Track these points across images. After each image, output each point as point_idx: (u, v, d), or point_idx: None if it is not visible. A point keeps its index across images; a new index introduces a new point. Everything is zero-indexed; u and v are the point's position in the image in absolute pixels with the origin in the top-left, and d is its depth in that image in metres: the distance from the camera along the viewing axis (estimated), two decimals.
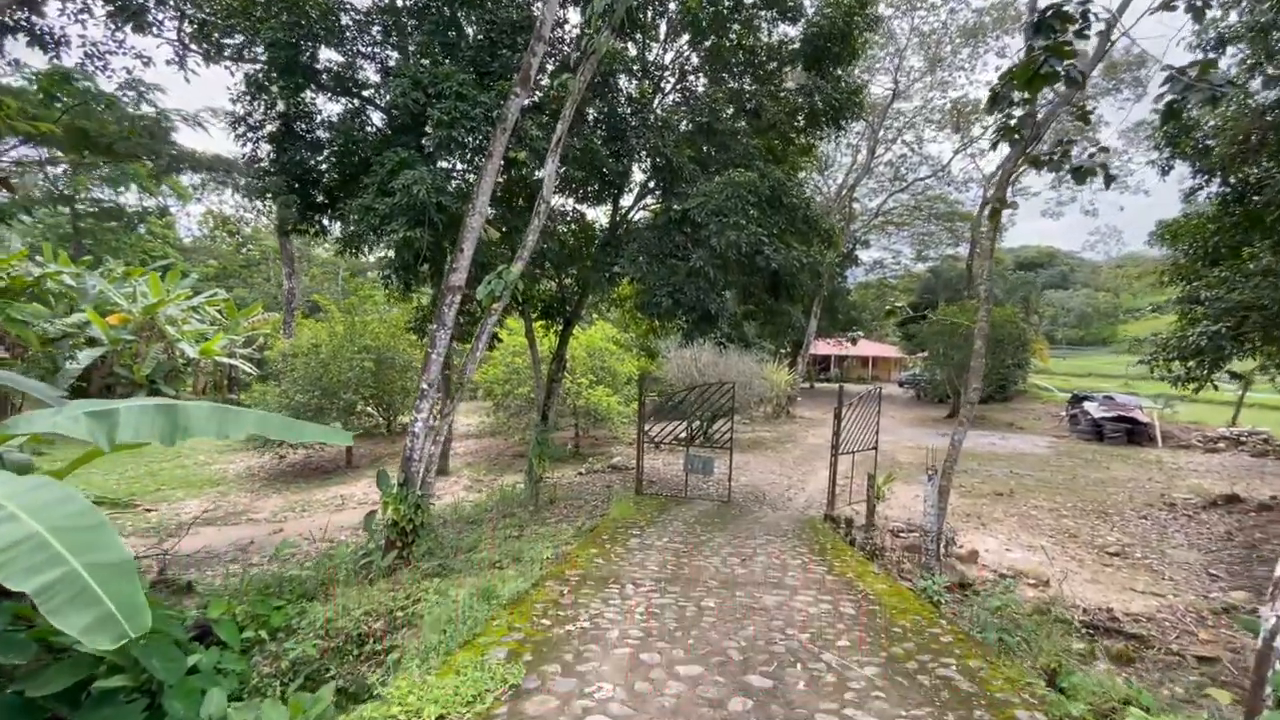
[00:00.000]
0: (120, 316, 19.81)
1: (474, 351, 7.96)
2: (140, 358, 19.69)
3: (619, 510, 8.93)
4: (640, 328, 16.11)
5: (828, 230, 11.93)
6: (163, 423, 3.59)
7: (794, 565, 6.28)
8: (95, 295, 20.95)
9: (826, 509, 10.16)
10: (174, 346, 20.69)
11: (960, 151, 27.73)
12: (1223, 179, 9.95)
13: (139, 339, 20.07)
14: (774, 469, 15.16)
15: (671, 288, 9.47)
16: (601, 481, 12.97)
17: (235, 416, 4.01)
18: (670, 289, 9.46)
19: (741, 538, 7.70)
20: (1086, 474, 15.28)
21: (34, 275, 20.57)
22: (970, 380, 7.82)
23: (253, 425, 4.05)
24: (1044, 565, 8.57)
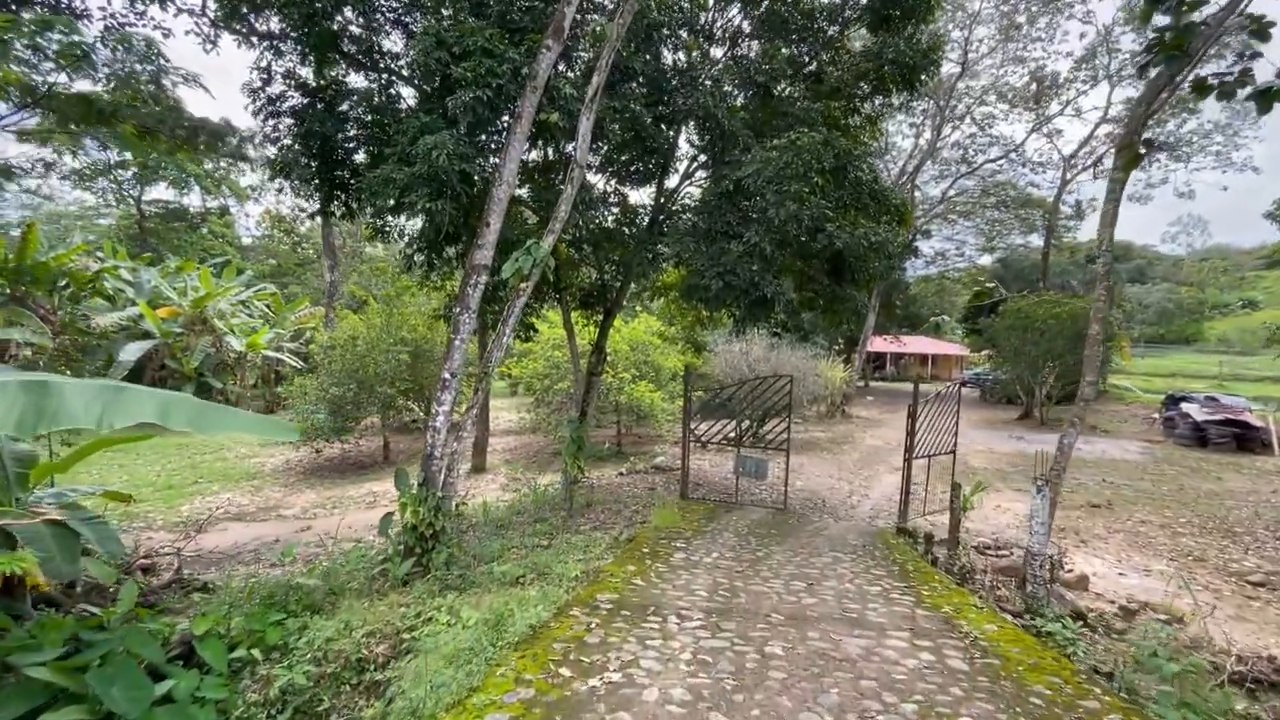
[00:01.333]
0: (170, 310, 20.05)
1: (500, 337, 7.12)
2: (189, 350, 19.88)
3: (661, 518, 7.95)
4: (686, 319, 15.09)
5: (898, 206, 10.64)
6: (23, 407, 2.69)
7: (873, 593, 5.17)
8: (150, 290, 21.34)
9: (898, 520, 8.93)
10: (221, 340, 20.84)
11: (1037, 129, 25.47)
12: None
13: (188, 332, 20.29)
14: (832, 473, 13.90)
15: (722, 269, 8.42)
16: (644, 483, 12.02)
17: (126, 402, 3.12)
18: (720, 270, 8.42)
19: (804, 554, 6.61)
20: (1195, 485, 13.42)
21: (93, 270, 21.09)
22: (1085, 373, 6.51)
23: (151, 413, 3.19)
24: (1171, 594, 7.15)
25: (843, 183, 9.71)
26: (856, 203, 10.04)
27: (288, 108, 8.57)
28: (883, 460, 15.68)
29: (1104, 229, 6.37)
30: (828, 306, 10.94)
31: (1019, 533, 9.74)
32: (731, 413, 12.86)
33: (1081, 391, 6.53)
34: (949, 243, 34.76)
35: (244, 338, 21.49)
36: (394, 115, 8.81)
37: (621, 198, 12.06)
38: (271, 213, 49.03)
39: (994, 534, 9.44)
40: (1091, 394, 6.51)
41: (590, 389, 12.36)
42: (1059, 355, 21.56)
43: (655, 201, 11.56)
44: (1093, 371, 6.48)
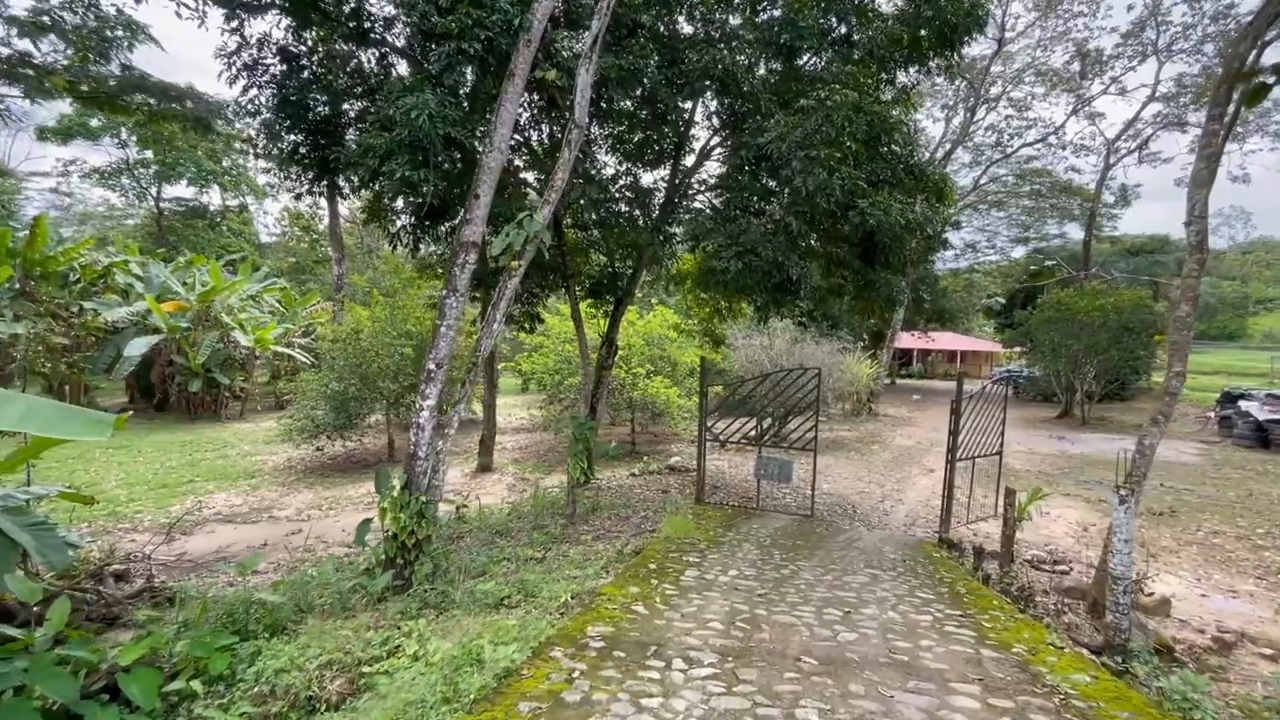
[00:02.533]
0: (177, 304, 19.71)
1: (489, 323, 6.34)
2: (196, 346, 19.51)
3: (673, 526, 7.11)
4: (703, 311, 14.19)
5: (937, 182, 9.65)
6: None
7: (924, 624, 4.27)
8: (159, 285, 21.04)
9: (940, 530, 7.98)
10: (229, 335, 20.46)
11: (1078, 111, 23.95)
12: None
13: (195, 327, 19.93)
14: (861, 475, 12.92)
15: (741, 247, 7.54)
16: (657, 485, 11.19)
17: None
18: (739, 249, 7.53)
19: (836, 571, 5.72)
20: (1265, 490, 12.19)
21: (103, 264, 20.85)
22: (1172, 362, 5.51)
23: None
24: (1265, 622, 6.13)
25: (876, 154, 8.77)
26: (892, 178, 9.09)
27: (266, 77, 7.88)
28: (915, 461, 14.64)
29: (1196, 190, 5.37)
30: (858, 293, 9.98)
31: (1074, 543, 8.72)
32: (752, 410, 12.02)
33: (1169, 384, 5.54)
34: (980, 234, 33.31)
35: (253, 333, 21.09)
36: (386, 86, 8.10)
37: (634, 179, 11.23)
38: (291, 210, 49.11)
39: (1046, 545, 8.44)
40: (1179, 386, 5.52)
41: (600, 384, 11.58)
42: (1103, 350, 20.22)
43: (670, 179, 10.71)
44: (1181, 360, 5.48)
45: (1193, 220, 5.35)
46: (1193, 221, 5.35)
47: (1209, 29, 20.14)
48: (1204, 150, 5.37)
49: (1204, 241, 5.32)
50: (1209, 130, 5.34)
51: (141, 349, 18.43)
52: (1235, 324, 68.75)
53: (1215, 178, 5.29)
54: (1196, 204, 5.32)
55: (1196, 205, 5.32)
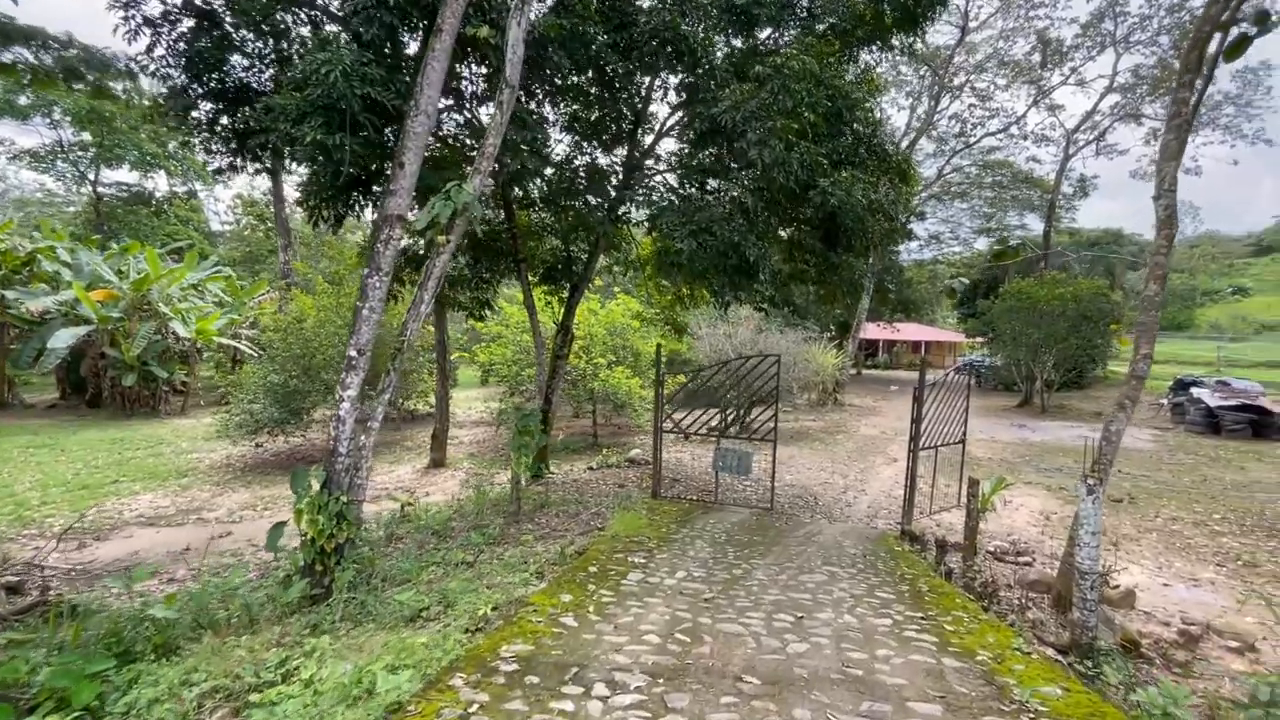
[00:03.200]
0: (107, 293, 18.47)
1: (416, 304, 5.77)
2: (131, 337, 18.32)
3: (623, 523, 6.66)
4: (665, 299, 13.76)
5: (901, 163, 9.34)
6: None
7: (882, 630, 3.90)
8: (89, 273, 19.71)
9: (902, 521, 7.69)
10: (167, 326, 19.29)
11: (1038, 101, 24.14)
12: None
13: (129, 317, 18.71)
14: (825, 465, 12.67)
15: (695, 226, 7.08)
16: (615, 479, 10.73)
17: None
18: (694, 228, 7.08)
19: (792, 570, 5.34)
20: (1218, 475, 12.32)
21: (25, 250, 19.45)
22: (1140, 344, 5.25)
23: None
24: (1230, 610, 5.97)
25: (838, 131, 8.40)
26: (854, 157, 8.74)
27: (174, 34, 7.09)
28: (879, 451, 14.49)
29: (1165, 164, 5.09)
30: (820, 277, 9.65)
31: (1037, 533, 8.55)
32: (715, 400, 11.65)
33: (1135, 367, 5.27)
34: (944, 225, 33.59)
35: (194, 324, 19.92)
36: None
37: (591, 159, 10.69)
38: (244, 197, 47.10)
39: (1009, 535, 8.25)
40: (1145, 370, 5.26)
41: (556, 373, 11.07)
42: (1062, 339, 20.46)
43: (627, 159, 10.20)
44: (1148, 342, 5.22)
45: (1161, 194, 5.08)
46: (1161, 195, 5.07)
47: (1165, 20, 20.45)
48: (1173, 121, 5.09)
49: (1173, 216, 5.06)
50: (1178, 99, 5.06)
51: (68, 340, 17.20)
52: (1184, 315, 71.33)
53: (1185, 149, 5.02)
54: (1166, 177, 5.04)
55: (1166, 178, 5.04)
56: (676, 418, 8.84)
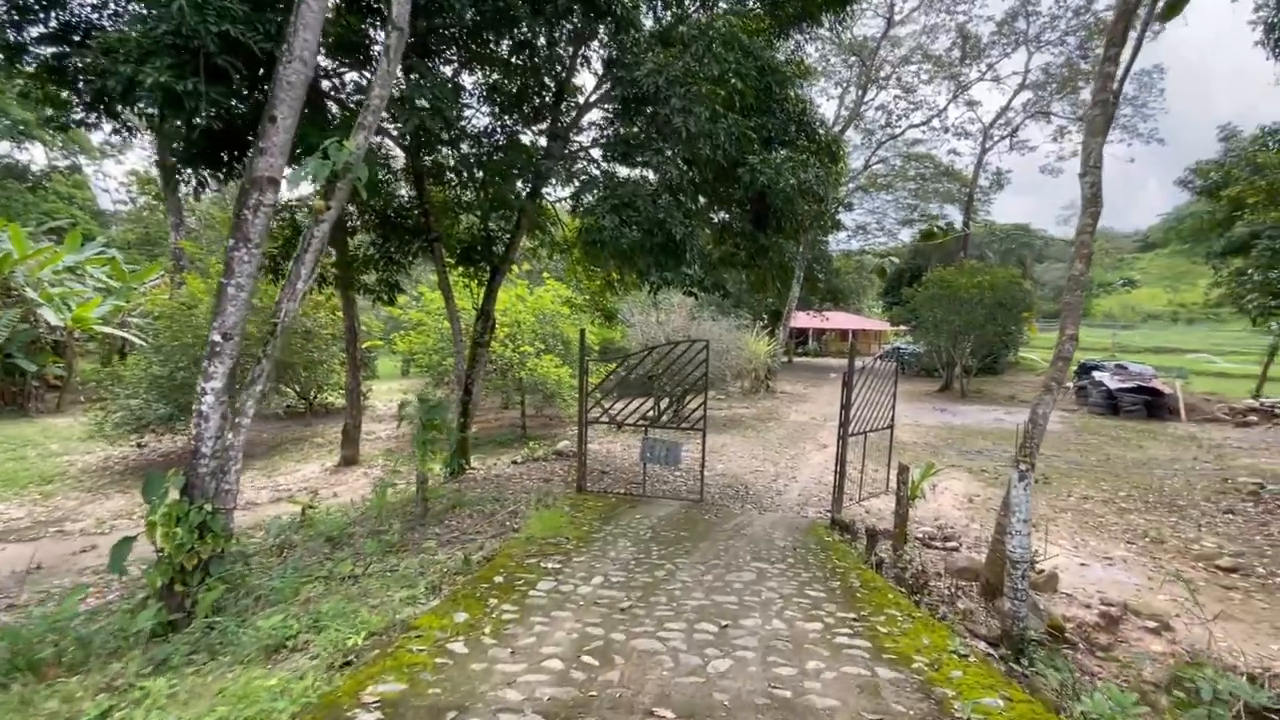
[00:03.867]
0: None
1: (293, 280, 4.99)
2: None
3: (541, 522, 6.13)
4: (593, 284, 13.21)
5: (830, 143, 9.13)
6: None
7: (813, 636, 3.56)
8: None
9: (832, 510, 7.51)
10: (35, 313, 17.10)
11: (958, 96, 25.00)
12: None
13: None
14: (757, 453, 12.53)
15: (618, 201, 6.58)
16: (541, 473, 10.15)
17: None
18: (615, 203, 6.57)
19: (719, 568, 4.97)
20: (1121, 454, 12.98)
21: None
22: (1066, 324, 5.15)
23: None
24: (1143, 590, 6.07)
25: (768, 107, 8.06)
26: (783, 135, 8.45)
27: None
28: (809, 437, 14.52)
29: (1091, 139, 4.98)
30: (750, 261, 9.36)
31: (961, 516, 8.61)
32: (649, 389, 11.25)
33: (1061, 348, 5.17)
34: (870, 216, 34.51)
35: (67, 310, 17.76)
36: None
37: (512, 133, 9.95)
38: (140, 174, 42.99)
39: (936, 519, 8.25)
40: (1071, 350, 5.17)
41: (477, 362, 10.34)
42: (980, 326, 21.30)
43: (550, 132, 9.54)
44: (1074, 322, 5.13)
45: (1087, 170, 4.96)
46: (1087, 172, 4.96)
47: (1072, 22, 21.50)
48: (1098, 95, 4.98)
49: (1098, 194, 4.95)
50: (1104, 74, 4.95)
51: None
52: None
53: (1111, 124, 4.91)
54: (1092, 153, 4.92)
55: (1092, 155, 4.92)
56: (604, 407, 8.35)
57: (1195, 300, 73.39)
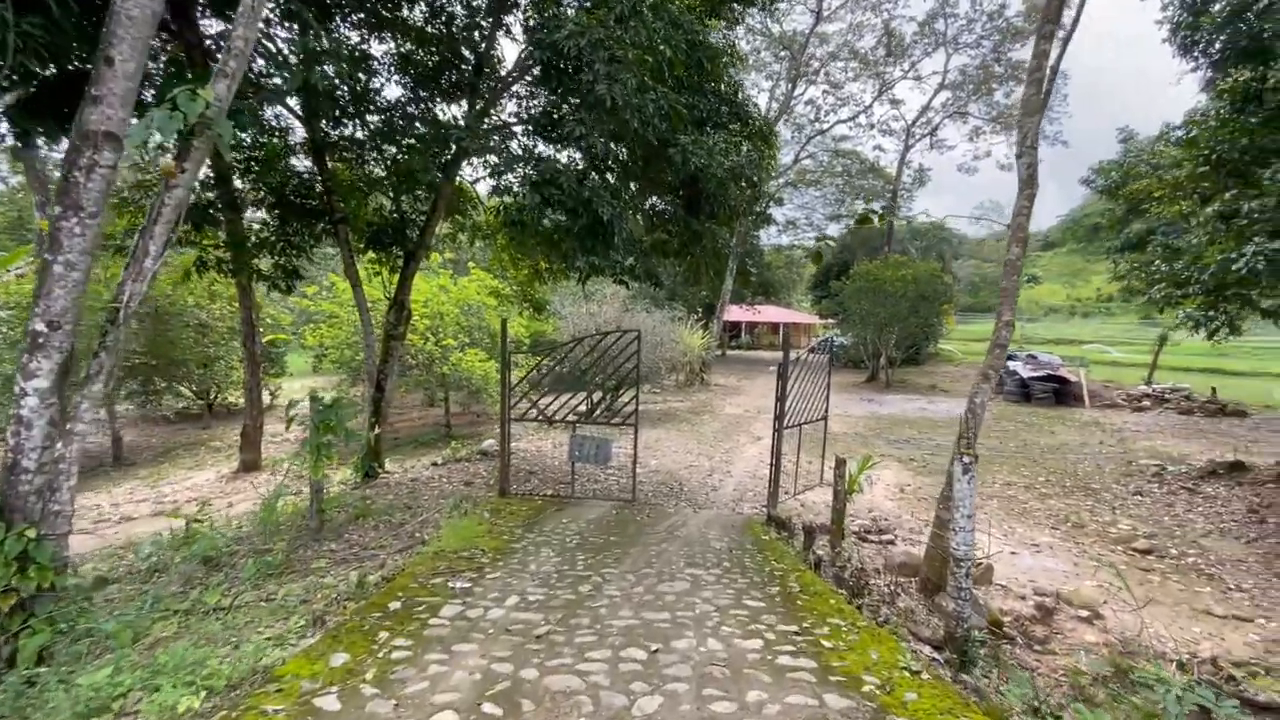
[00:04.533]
0: None
1: (139, 257, 4.15)
2: None
3: (455, 533, 5.51)
4: (520, 273, 12.52)
5: (763, 127, 8.85)
6: None
7: (753, 656, 3.17)
8: None
9: (769, 505, 7.24)
10: None
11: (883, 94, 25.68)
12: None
13: None
14: (691, 446, 12.23)
15: (539, 177, 6.00)
16: (463, 475, 9.44)
17: None
18: (535, 180, 5.99)
19: (651, 578, 4.53)
20: (1035, 440, 13.53)
21: None
22: (1002, 310, 5.01)
23: None
24: (1070, 576, 6.10)
25: (700, 85, 7.66)
26: (716, 117, 8.09)
27: None
28: (744, 429, 14.40)
29: (1026, 119, 4.83)
30: (683, 248, 8.98)
31: (894, 506, 8.57)
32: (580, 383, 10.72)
33: (998, 335, 5.03)
34: (799, 211, 35.12)
35: None
36: None
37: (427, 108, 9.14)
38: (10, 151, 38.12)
39: (870, 512, 8.15)
40: (1008, 336, 5.04)
41: (390, 356, 9.49)
42: (903, 318, 21.93)
43: (469, 107, 8.80)
44: (1010, 307, 4.99)
45: (1023, 151, 4.82)
46: (1023, 153, 4.81)
47: (987, 26, 22.44)
48: (1033, 75, 4.84)
49: (1034, 175, 4.82)
50: (1039, 52, 4.80)
51: None
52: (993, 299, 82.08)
53: (1047, 104, 4.78)
54: (1028, 133, 4.78)
55: (1028, 134, 4.78)
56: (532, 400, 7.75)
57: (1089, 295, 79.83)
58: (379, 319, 9.95)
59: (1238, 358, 32.78)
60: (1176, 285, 8.21)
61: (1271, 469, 8.95)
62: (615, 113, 5.62)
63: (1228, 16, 7.78)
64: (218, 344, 14.56)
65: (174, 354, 13.47)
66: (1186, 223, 9.14)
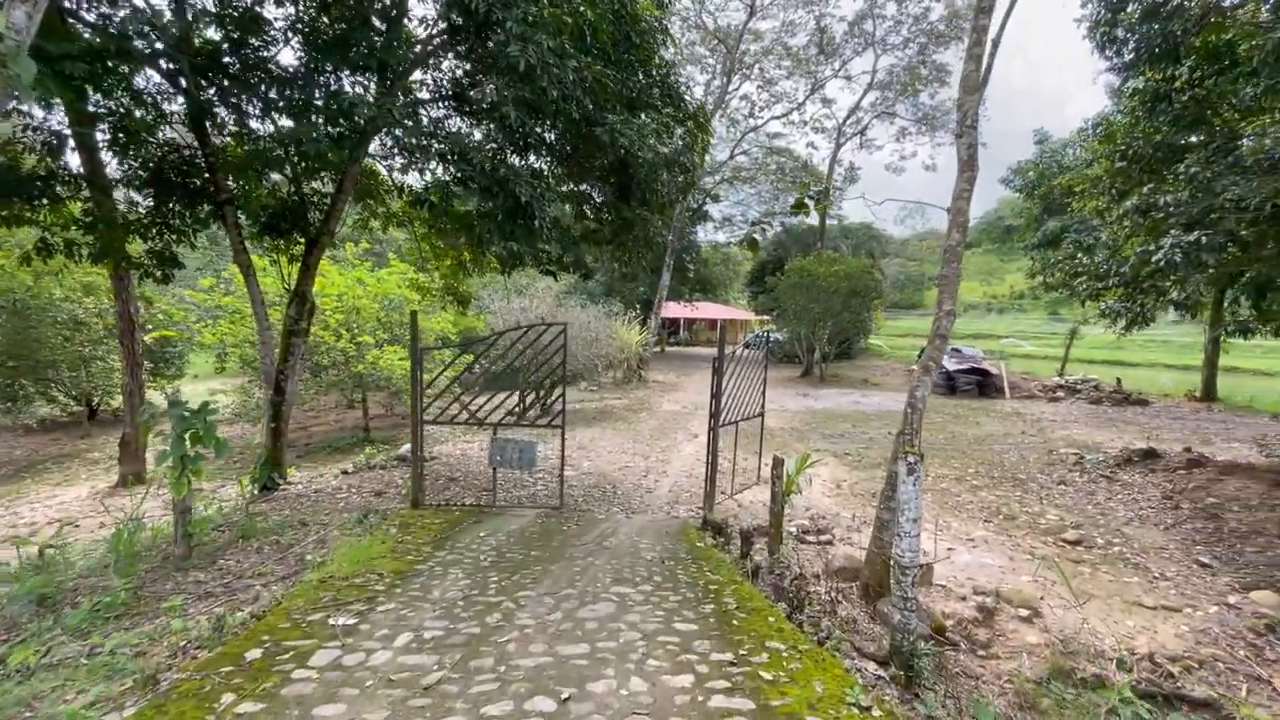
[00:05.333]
0: None
1: None
2: None
3: (350, 554, 4.82)
4: (443, 264, 11.69)
5: (698, 112, 8.46)
6: None
7: (681, 701, 2.71)
8: None
9: (704, 508, 6.86)
10: None
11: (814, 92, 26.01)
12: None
13: None
14: (627, 446, 11.77)
15: (447, 150, 5.35)
16: (376, 483, 8.62)
17: None
18: (444, 154, 5.34)
19: (573, 600, 4.02)
20: (962, 431, 13.83)
21: None
22: (943, 298, 4.77)
23: None
24: (1007, 572, 6.00)
25: (629, 61, 7.17)
26: (647, 98, 7.62)
27: None
28: (681, 426, 14.07)
29: (966, 97, 4.59)
30: (615, 236, 8.48)
31: (831, 503, 8.37)
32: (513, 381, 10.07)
33: (939, 325, 4.79)
34: (735, 209, 35.33)
35: None
36: None
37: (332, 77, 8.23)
38: None
39: (808, 510, 7.90)
40: (949, 326, 4.80)
41: (291, 354, 8.55)
42: (836, 313, 22.26)
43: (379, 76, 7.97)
44: (951, 296, 4.76)
45: (963, 131, 4.58)
46: (963, 133, 4.57)
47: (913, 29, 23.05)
48: (973, 50, 4.60)
49: (974, 156, 4.58)
50: (977, 26, 4.57)
51: None
52: (917, 296, 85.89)
53: (988, 82, 4.55)
54: (968, 111, 4.53)
55: (968, 113, 4.54)
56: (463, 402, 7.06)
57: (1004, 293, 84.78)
58: (281, 314, 8.97)
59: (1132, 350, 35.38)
60: (1097, 278, 8.38)
61: (1180, 456, 9.32)
62: (530, 79, 5.05)
63: (1142, 15, 7.97)
64: (96, 343, 12.97)
65: (41, 355, 11.86)
66: (1103, 218, 9.41)
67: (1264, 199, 6.02)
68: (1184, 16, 7.58)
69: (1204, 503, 7.61)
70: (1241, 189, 6.35)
